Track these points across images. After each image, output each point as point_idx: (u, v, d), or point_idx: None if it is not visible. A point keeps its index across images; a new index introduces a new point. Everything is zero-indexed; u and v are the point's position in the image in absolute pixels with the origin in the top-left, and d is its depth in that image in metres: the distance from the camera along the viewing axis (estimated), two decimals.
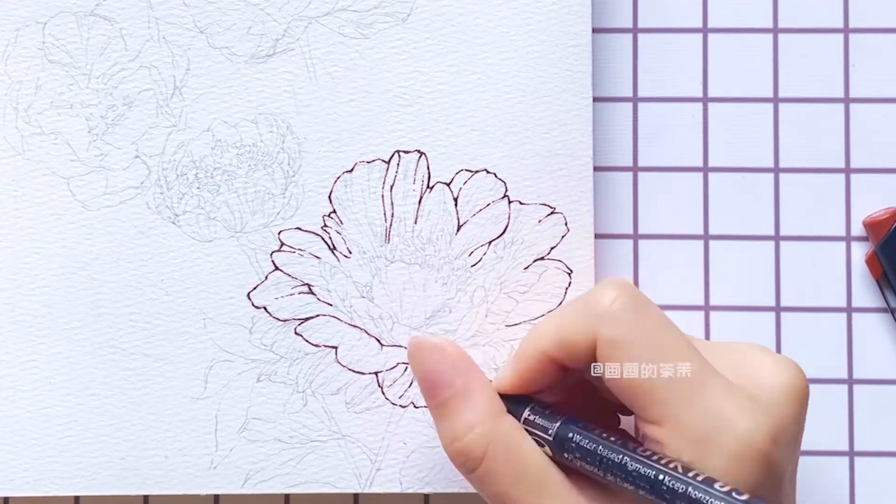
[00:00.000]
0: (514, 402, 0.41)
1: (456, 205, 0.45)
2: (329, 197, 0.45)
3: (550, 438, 0.39)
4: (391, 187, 0.45)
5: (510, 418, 0.40)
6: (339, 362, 0.45)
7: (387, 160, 0.45)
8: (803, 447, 0.46)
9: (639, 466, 0.36)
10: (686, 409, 0.36)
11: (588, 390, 0.41)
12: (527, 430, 0.40)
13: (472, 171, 0.45)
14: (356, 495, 0.47)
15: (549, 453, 0.39)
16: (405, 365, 0.45)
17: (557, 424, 0.39)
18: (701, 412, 0.36)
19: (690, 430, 0.36)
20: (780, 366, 0.39)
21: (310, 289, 0.45)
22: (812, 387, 0.47)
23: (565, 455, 0.39)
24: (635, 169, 0.47)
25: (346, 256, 0.45)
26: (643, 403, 0.37)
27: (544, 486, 0.38)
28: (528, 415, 0.40)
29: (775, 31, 0.47)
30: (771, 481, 0.37)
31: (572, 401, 0.41)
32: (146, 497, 0.46)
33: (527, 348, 0.40)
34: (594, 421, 0.39)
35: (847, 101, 0.47)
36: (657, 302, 0.47)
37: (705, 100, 0.47)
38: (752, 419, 0.36)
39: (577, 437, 0.38)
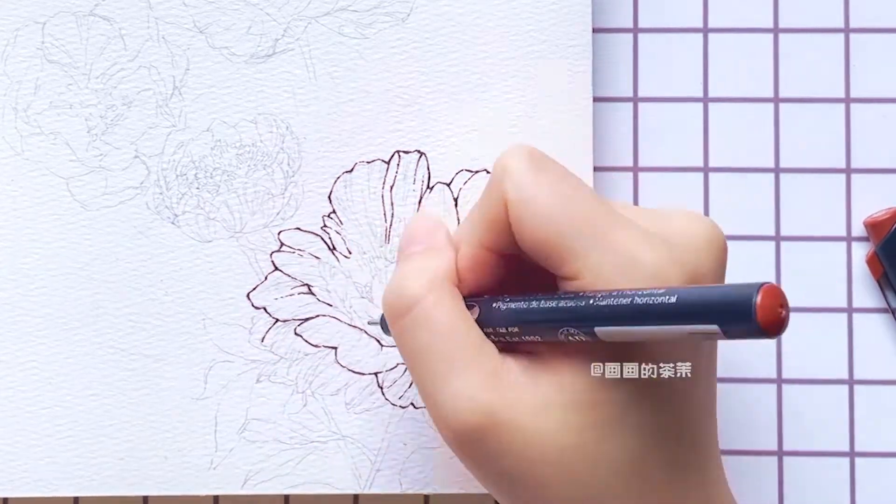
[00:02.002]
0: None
1: (456, 205, 0.45)
2: (329, 197, 0.45)
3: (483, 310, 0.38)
4: (391, 187, 0.45)
5: (457, 290, 0.39)
6: (338, 363, 0.45)
7: (387, 160, 0.45)
8: (803, 447, 0.46)
9: (570, 302, 0.36)
10: (598, 256, 0.35)
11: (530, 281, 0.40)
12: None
13: (472, 172, 0.45)
14: (356, 496, 0.47)
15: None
16: (405, 366, 0.45)
17: (502, 300, 0.38)
18: (612, 255, 0.35)
19: (605, 276, 0.35)
20: (696, 219, 0.38)
21: (309, 289, 0.45)
22: (812, 387, 0.47)
23: (497, 328, 0.38)
24: (635, 169, 0.47)
25: (345, 257, 0.45)
26: (557, 260, 0.36)
27: (468, 345, 0.37)
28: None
29: (775, 31, 0.47)
30: None
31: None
32: (146, 497, 0.46)
33: (463, 249, 0.39)
34: None
35: (847, 101, 0.47)
36: None
37: (705, 100, 0.47)
38: (661, 255, 0.36)
39: (507, 302, 0.37)
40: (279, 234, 0.45)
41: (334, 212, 0.45)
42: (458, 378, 0.37)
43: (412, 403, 0.45)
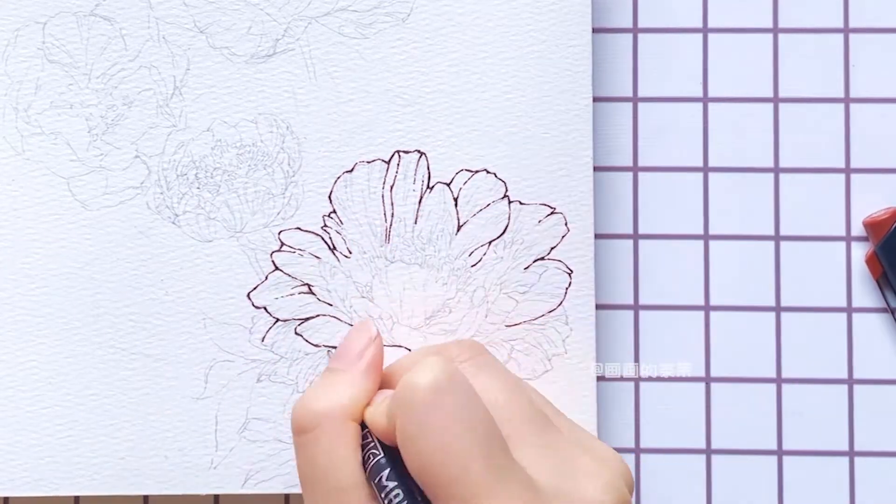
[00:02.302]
0: None
1: (456, 205, 0.45)
2: (329, 197, 0.45)
3: (371, 463, 0.39)
4: (391, 187, 0.45)
5: (354, 425, 0.39)
6: None
7: (387, 160, 0.45)
8: (804, 447, 0.46)
9: None
10: None
11: None
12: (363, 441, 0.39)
13: (472, 171, 0.45)
14: None
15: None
16: None
17: (381, 456, 0.38)
18: None
19: None
20: (599, 496, 0.38)
21: (310, 289, 0.45)
22: (812, 387, 0.47)
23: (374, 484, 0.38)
24: (635, 169, 0.47)
25: (346, 256, 0.45)
26: (430, 497, 0.37)
27: (336, 487, 0.38)
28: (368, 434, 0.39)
29: (775, 31, 0.47)
30: None
31: None
32: (146, 497, 0.46)
33: (371, 420, 0.39)
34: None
35: (847, 101, 0.47)
36: (658, 301, 0.47)
37: (705, 100, 0.47)
38: None
39: (387, 476, 0.38)
40: (279, 233, 0.45)
41: (334, 211, 0.45)
42: None
43: None
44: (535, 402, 0.40)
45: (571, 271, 0.45)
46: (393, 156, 0.45)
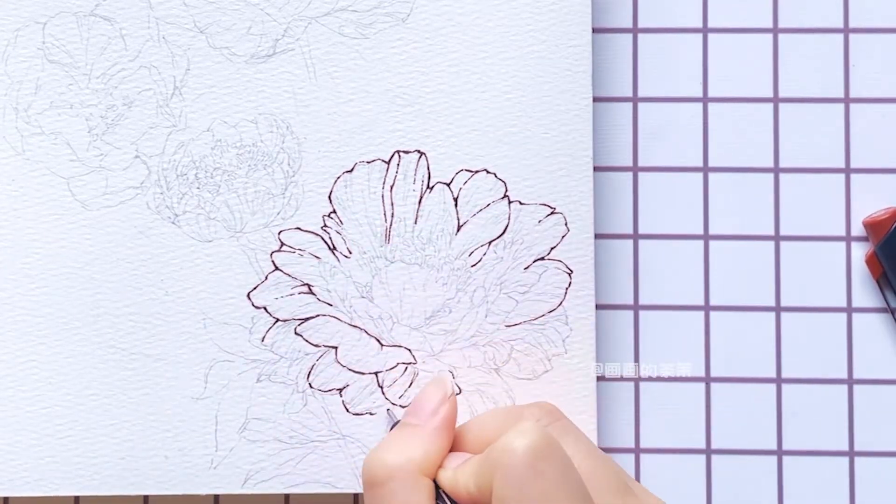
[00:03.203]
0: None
1: (456, 205, 0.45)
2: (329, 197, 0.45)
3: None
4: (391, 187, 0.45)
5: (427, 481, 0.39)
6: (338, 362, 0.45)
7: (387, 160, 0.45)
8: (804, 447, 0.46)
9: None
10: None
11: None
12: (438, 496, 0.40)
13: (472, 171, 0.45)
14: (356, 495, 0.47)
15: None
16: (405, 365, 0.45)
17: None
18: None
19: None
20: None
21: (310, 289, 0.45)
22: (812, 387, 0.47)
23: None
24: (635, 169, 0.47)
25: (346, 256, 0.45)
26: None
27: None
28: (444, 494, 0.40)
29: (775, 31, 0.47)
30: None
31: None
32: (146, 497, 0.46)
33: (453, 483, 0.40)
34: None
35: (847, 101, 0.47)
36: (658, 301, 0.47)
37: (705, 100, 0.47)
38: None
39: None
40: (279, 233, 0.45)
41: (334, 211, 0.45)
42: None
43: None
44: (616, 471, 0.41)
45: (571, 271, 0.45)
46: (393, 156, 0.45)
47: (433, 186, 0.45)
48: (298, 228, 0.45)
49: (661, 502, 0.41)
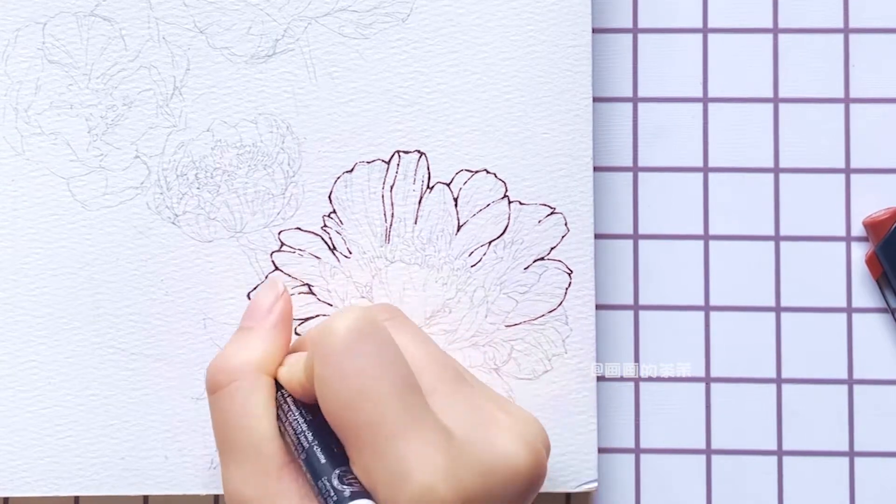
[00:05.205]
0: None
1: (456, 205, 0.45)
2: (329, 197, 0.45)
3: (285, 419, 0.39)
4: (391, 187, 0.45)
5: (268, 379, 0.40)
6: None
7: (387, 160, 0.45)
8: (804, 447, 0.46)
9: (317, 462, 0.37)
10: (371, 462, 0.36)
11: None
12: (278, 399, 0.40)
13: (472, 171, 0.45)
14: None
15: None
16: None
17: (296, 411, 0.39)
18: (383, 466, 0.36)
19: (373, 483, 0.36)
20: (517, 449, 0.38)
21: (310, 289, 0.45)
22: (812, 387, 0.47)
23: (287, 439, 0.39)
24: (635, 169, 0.47)
25: (346, 256, 0.45)
26: (343, 443, 0.37)
27: (251, 441, 0.38)
28: (286, 394, 0.40)
29: (775, 31, 0.47)
30: None
31: None
32: (146, 497, 0.46)
33: (288, 376, 0.40)
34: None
35: (847, 101, 0.47)
36: (658, 302, 0.47)
37: (705, 100, 0.47)
38: (435, 475, 0.35)
39: (302, 430, 0.38)
40: (279, 233, 0.45)
41: (334, 212, 0.45)
42: (233, 468, 0.39)
43: None
44: (453, 365, 0.41)
45: (571, 271, 0.45)
46: (393, 156, 0.45)
47: (433, 186, 0.45)
48: (298, 228, 0.45)
49: (503, 398, 0.41)
